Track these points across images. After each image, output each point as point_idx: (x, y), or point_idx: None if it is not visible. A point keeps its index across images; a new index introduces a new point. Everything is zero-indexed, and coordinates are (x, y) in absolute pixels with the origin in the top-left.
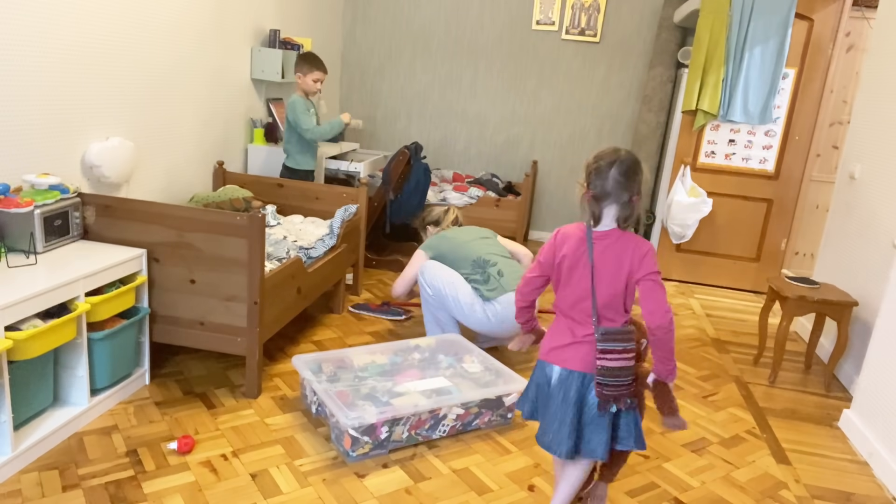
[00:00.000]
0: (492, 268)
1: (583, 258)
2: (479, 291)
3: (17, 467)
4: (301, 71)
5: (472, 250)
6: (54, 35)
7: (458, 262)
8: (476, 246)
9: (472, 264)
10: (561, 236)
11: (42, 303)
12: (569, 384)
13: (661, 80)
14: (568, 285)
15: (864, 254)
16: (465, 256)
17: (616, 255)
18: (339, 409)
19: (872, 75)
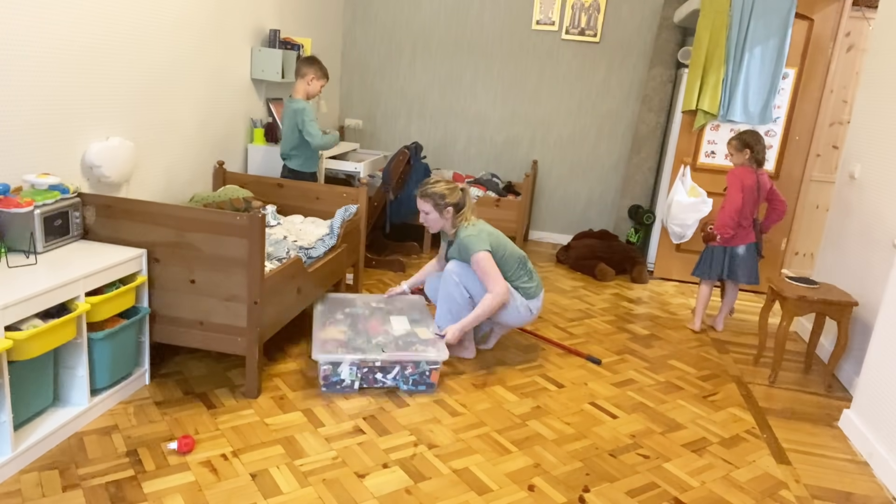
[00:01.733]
0: (529, 263)
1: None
2: (526, 290)
3: (17, 467)
4: (311, 75)
5: (514, 247)
6: (54, 35)
7: (507, 259)
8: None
9: (517, 261)
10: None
11: (42, 303)
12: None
13: (661, 80)
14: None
15: (864, 254)
16: (513, 253)
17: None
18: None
19: (872, 75)
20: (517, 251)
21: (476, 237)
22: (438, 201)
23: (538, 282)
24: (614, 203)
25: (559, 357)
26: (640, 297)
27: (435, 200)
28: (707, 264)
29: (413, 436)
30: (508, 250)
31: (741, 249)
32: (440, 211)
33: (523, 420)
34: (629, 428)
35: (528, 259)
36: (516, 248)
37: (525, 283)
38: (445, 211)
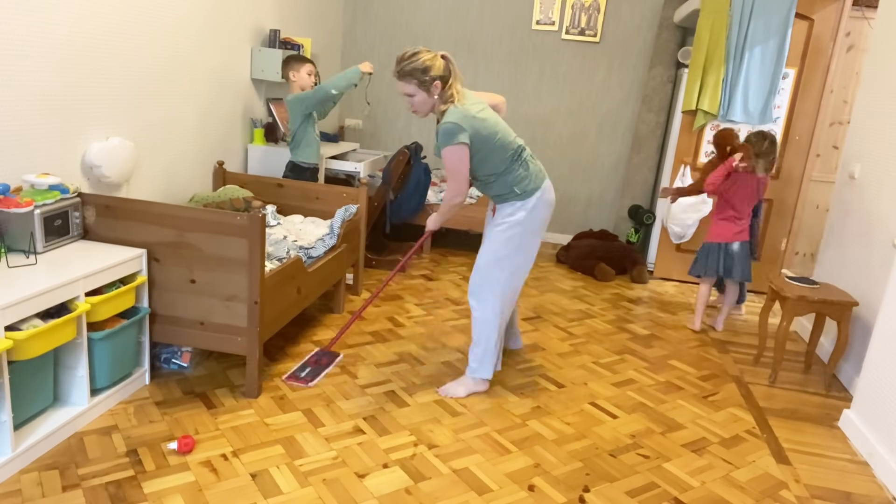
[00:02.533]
0: (526, 151)
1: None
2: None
3: (17, 467)
4: (293, 69)
5: (508, 133)
6: (54, 35)
7: (496, 152)
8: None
9: (511, 154)
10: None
11: (42, 303)
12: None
13: (661, 80)
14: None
15: (864, 254)
16: (504, 143)
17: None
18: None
19: (872, 75)
20: (510, 139)
21: (453, 126)
22: (422, 77)
23: (535, 172)
24: (614, 203)
25: (559, 357)
26: (640, 297)
27: (418, 77)
28: (703, 262)
29: (413, 436)
30: (499, 139)
31: (736, 246)
32: (427, 88)
33: (523, 420)
34: (629, 428)
35: (524, 148)
36: (510, 135)
37: (521, 179)
38: (433, 87)
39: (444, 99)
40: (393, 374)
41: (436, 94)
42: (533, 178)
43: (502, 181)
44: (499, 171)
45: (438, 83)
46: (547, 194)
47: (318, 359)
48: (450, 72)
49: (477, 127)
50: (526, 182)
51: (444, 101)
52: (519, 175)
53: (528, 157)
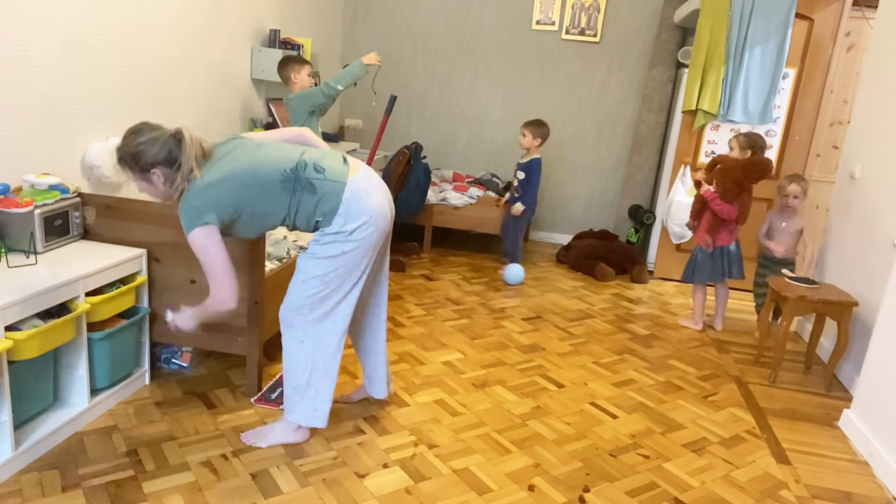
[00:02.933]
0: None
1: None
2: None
3: (18, 467)
4: (294, 70)
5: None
6: (54, 35)
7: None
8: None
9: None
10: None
11: (42, 303)
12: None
13: (661, 80)
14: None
15: (864, 254)
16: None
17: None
18: None
19: (872, 75)
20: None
21: (190, 210)
22: (133, 164)
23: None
24: (614, 203)
25: (559, 357)
26: (640, 297)
27: (129, 164)
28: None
29: (413, 436)
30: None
31: (733, 246)
32: (145, 178)
33: (523, 420)
34: (629, 428)
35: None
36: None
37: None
38: (153, 175)
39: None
40: (393, 374)
41: (159, 183)
42: (326, 197)
43: (298, 218)
44: (286, 211)
45: (159, 172)
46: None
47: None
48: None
49: (216, 195)
50: (321, 206)
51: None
52: (308, 203)
53: (309, 176)
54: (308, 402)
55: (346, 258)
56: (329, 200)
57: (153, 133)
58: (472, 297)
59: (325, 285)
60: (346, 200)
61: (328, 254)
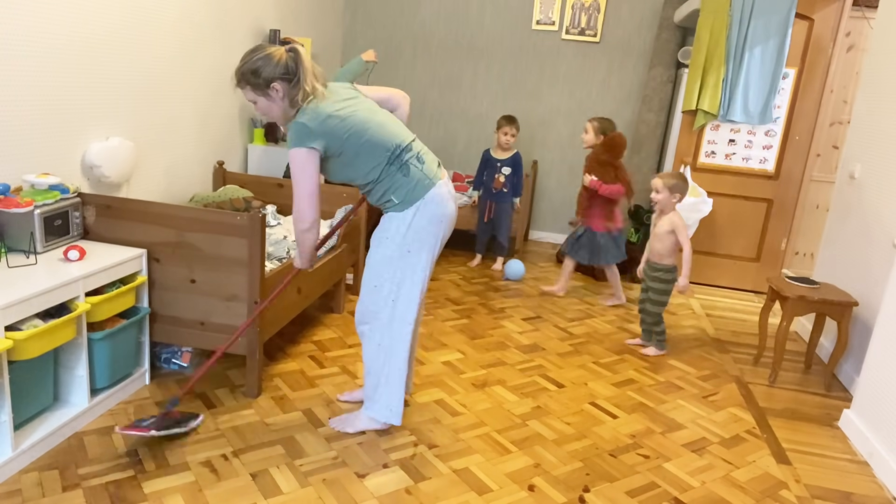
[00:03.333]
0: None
1: None
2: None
3: (17, 467)
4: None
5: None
6: (54, 35)
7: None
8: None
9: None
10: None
11: (42, 303)
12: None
13: (661, 80)
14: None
15: (864, 254)
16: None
17: None
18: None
19: (872, 75)
20: (386, 139)
21: (302, 127)
22: (254, 80)
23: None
24: None
25: (559, 357)
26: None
27: (249, 81)
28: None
29: (413, 436)
30: (368, 137)
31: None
32: (264, 93)
33: (523, 420)
34: (629, 428)
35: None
36: (386, 135)
37: (401, 180)
38: (272, 90)
39: (293, 104)
40: None
41: (277, 99)
42: (413, 187)
43: (378, 189)
44: (374, 177)
45: (278, 87)
46: (431, 206)
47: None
48: (295, 69)
49: (331, 128)
50: (403, 191)
51: (292, 105)
52: (396, 182)
53: (411, 160)
54: (384, 401)
55: (409, 255)
56: (414, 189)
57: (269, 49)
58: (472, 297)
59: (393, 284)
60: (427, 197)
61: (389, 252)
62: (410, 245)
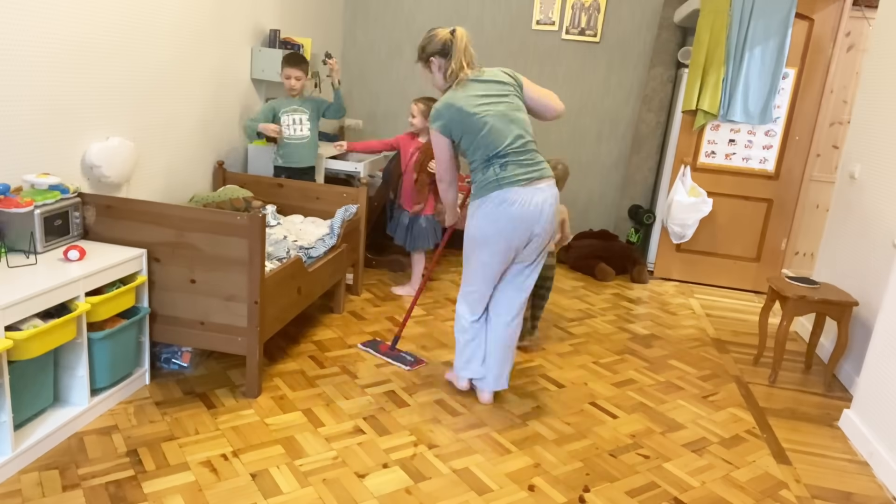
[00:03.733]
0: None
1: None
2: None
3: (17, 467)
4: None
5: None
6: (54, 35)
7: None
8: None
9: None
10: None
11: (42, 303)
12: None
13: (661, 80)
14: None
15: (864, 254)
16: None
17: None
18: None
19: (872, 75)
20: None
21: (434, 111)
22: (420, 54)
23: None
24: (614, 203)
25: (559, 357)
26: (640, 297)
27: (419, 55)
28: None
29: (413, 436)
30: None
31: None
32: (426, 66)
33: (523, 420)
34: (629, 428)
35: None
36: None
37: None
38: (430, 64)
39: (446, 78)
40: (393, 374)
41: (437, 71)
42: (492, 184)
43: (475, 177)
44: (475, 166)
45: (435, 61)
46: (491, 205)
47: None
48: (449, 48)
49: (455, 118)
50: (485, 187)
51: (447, 80)
52: (486, 176)
53: (495, 163)
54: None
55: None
56: (487, 186)
57: (437, 30)
58: None
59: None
60: (489, 199)
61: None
62: (473, 231)
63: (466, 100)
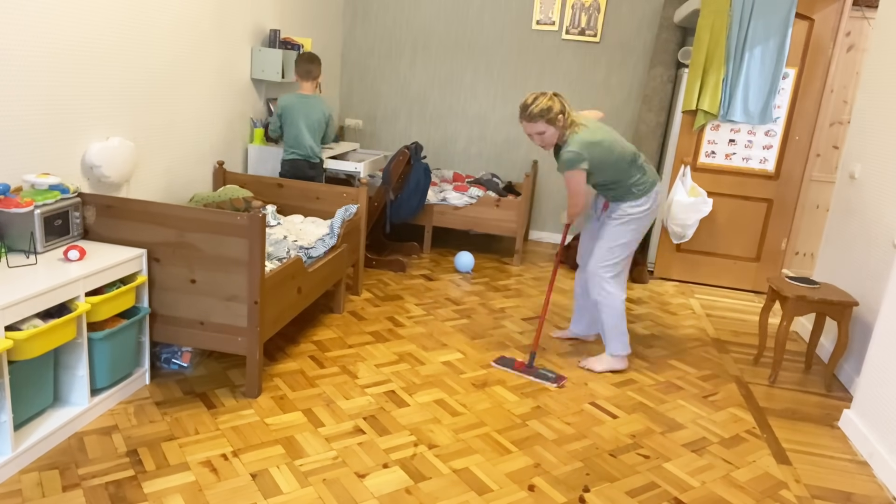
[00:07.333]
0: (640, 157)
1: None
2: (640, 187)
3: (18, 467)
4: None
5: (624, 144)
6: (54, 35)
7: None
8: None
9: (629, 161)
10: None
11: (42, 303)
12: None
13: (661, 80)
14: None
15: (864, 254)
16: (623, 155)
17: None
18: None
19: (872, 75)
20: (628, 149)
21: (573, 154)
22: (550, 115)
23: (651, 175)
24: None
25: (559, 357)
26: (640, 297)
27: (547, 117)
28: None
29: (413, 436)
30: (616, 153)
31: None
32: (554, 124)
33: (523, 420)
34: (629, 428)
35: (639, 155)
36: (626, 145)
37: (641, 177)
38: (557, 121)
39: (563, 131)
40: (393, 374)
41: (561, 126)
42: (648, 182)
43: (623, 185)
44: (618, 178)
45: (561, 117)
46: (657, 195)
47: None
48: (565, 105)
49: (593, 153)
50: (642, 185)
51: (565, 129)
52: (637, 179)
53: (643, 163)
54: (620, 336)
55: (636, 232)
56: (647, 184)
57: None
58: (472, 297)
59: (622, 249)
60: (653, 192)
61: (632, 227)
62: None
63: (594, 135)
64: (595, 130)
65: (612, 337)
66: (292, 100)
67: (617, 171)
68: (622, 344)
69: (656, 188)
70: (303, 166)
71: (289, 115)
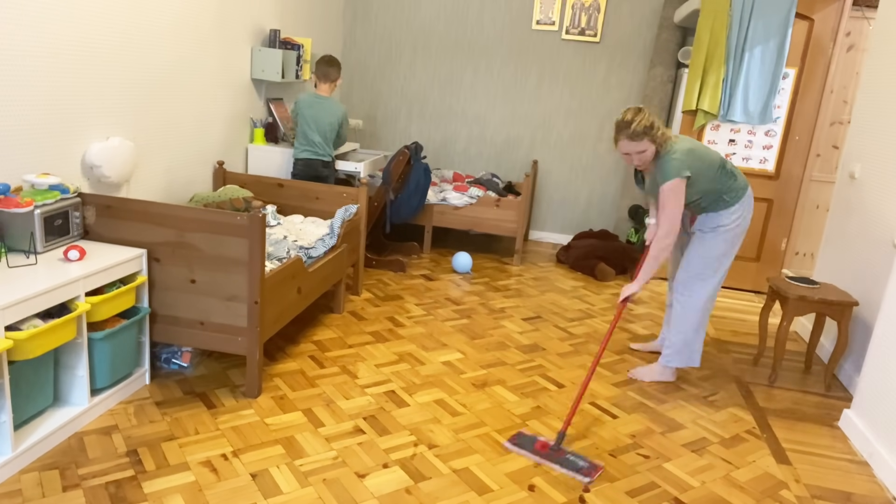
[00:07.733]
0: (728, 163)
1: None
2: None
3: (18, 467)
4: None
5: (710, 150)
6: (55, 35)
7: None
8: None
9: (719, 167)
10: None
11: (42, 303)
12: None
13: (661, 80)
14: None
15: (864, 254)
16: (713, 161)
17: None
18: None
19: (872, 75)
20: (715, 155)
21: (678, 161)
22: (653, 132)
23: (741, 181)
24: (614, 203)
25: (559, 357)
26: (640, 297)
27: (651, 134)
28: None
29: (413, 436)
30: (707, 161)
31: None
32: (655, 140)
33: (523, 420)
34: (629, 428)
35: (725, 161)
36: (712, 152)
37: (732, 184)
38: (657, 137)
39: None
40: (393, 374)
41: (660, 142)
42: (739, 188)
43: (714, 194)
44: (713, 187)
45: (660, 132)
46: (750, 199)
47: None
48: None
49: (693, 160)
50: (733, 192)
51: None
52: (728, 185)
53: (731, 168)
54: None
55: (729, 243)
56: (739, 190)
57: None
58: (472, 297)
59: (718, 262)
60: (746, 196)
61: (725, 237)
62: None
63: (686, 144)
64: (683, 139)
65: (679, 350)
66: (309, 99)
67: (711, 180)
68: (685, 359)
69: (748, 192)
70: (317, 165)
71: (303, 114)
